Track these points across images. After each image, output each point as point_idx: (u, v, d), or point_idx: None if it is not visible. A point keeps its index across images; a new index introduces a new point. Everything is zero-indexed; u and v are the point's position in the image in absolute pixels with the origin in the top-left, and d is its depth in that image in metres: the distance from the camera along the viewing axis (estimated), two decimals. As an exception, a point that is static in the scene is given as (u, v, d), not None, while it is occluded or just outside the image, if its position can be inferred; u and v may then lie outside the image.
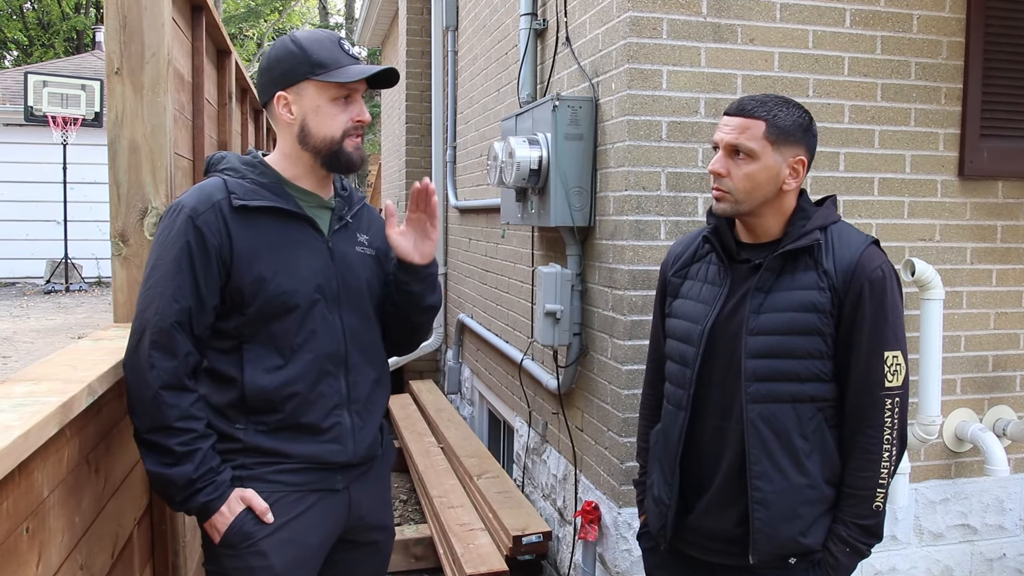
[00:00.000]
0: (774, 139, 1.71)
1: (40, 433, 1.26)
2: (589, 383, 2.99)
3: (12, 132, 12.95)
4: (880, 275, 1.68)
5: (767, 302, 1.71)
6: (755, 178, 1.71)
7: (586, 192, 2.89)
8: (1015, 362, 3.06)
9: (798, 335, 1.69)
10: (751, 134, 1.71)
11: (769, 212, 1.76)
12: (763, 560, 1.71)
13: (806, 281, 1.70)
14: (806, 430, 1.70)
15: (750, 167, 1.71)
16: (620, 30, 2.66)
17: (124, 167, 2.25)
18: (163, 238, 1.68)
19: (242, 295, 1.68)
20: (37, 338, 8.23)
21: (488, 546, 3.30)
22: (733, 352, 1.74)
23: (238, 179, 1.73)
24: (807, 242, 1.70)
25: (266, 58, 1.79)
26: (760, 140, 1.70)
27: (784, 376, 1.69)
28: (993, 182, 2.99)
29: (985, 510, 3.07)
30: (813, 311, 1.68)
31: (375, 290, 1.90)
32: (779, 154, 1.71)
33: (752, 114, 1.72)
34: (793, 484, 1.69)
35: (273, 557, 1.70)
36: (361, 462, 1.83)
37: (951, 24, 2.88)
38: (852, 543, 1.68)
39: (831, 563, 1.70)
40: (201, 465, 1.63)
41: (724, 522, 1.76)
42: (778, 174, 1.72)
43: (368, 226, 1.93)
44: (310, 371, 1.73)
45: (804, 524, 1.69)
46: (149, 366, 1.61)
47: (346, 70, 1.72)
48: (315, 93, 1.73)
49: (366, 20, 9.16)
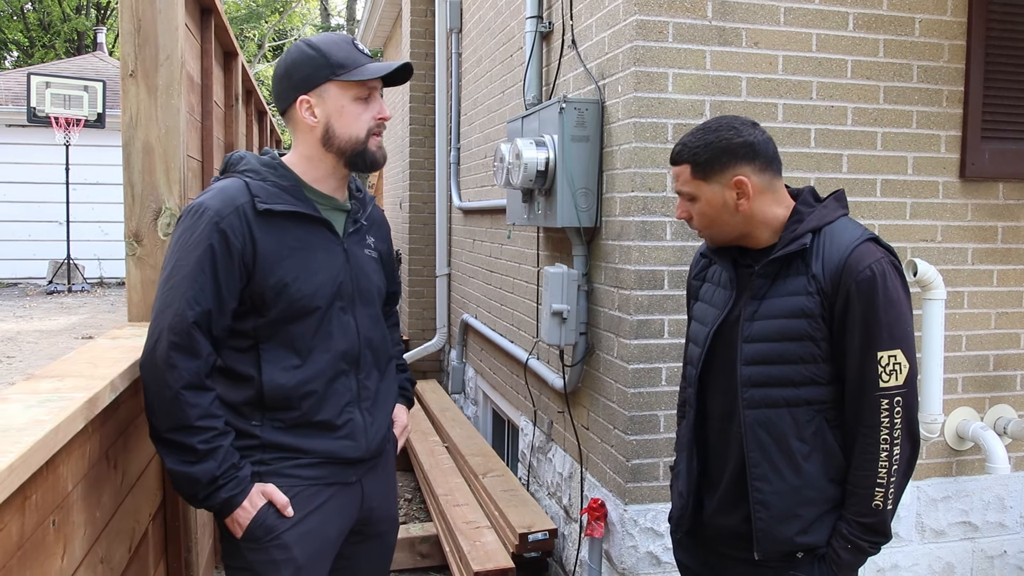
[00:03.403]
0: (702, 175, 1.74)
1: (68, 428, 1.30)
2: (595, 382, 3.02)
3: (15, 133, 12.98)
4: (868, 275, 1.64)
5: (760, 309, 1.73)
6: (707, 214, 1.77)
7: (592, 193, 2.93)
8: (1016, 361, 3.09)
9: (790, 341, 1.70)
10: (683, 179, 1.77)
11: (749, 230, 1.77)
12: (767, 556, 1.75)
13: (796, 287, 1.70)
14: (804, 433, 1.71)
15: (697, 206, 1.78)
16: (626, 33, 2.69)
17: (138, 168, 2.28)
18: (185, 239, 1.67)
19: (263, 298, 1.70)
20: (41, 338, 8.26)
21: (494, 543, 3.33)
22: (731, 357, 1.77)
23: (259, 181, 1.74)
24: (795, 247, 1.70)
25: (282, 65, 1.79)
26: (691, 182, 1.76)
27: (778, 382, 1.71)
28: (994, 183, 3.02)
29: (986, 508, 3.10)
30: (803, 316, 1.69)
31: (382, 292, 1.94)
32: (714, 184, 1.73)
33: (678, 160, 1.78)
34: (791, 486, 1.72)
35: (296, 550, 1.72)
36: (372, 456, 1.87)
37: (952, 27, 2.92)
38: (853, 540, 1.70)
39: (834, 559, 1.72)
40: (224, 462, 1.65)
41: (733, 519, 1.80)
42: (724, 202, 1.74)
43: (375, 228, 1.97)
44: (327, 370, 1.76)
45: (804, 523, 1.72)
46: (169, 367, 1.62)
47: (366, 68, 1.74)
48: (338, 94, 1.74)
49: (368, 22, 9.18)
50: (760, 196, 1.73)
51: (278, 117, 16.89)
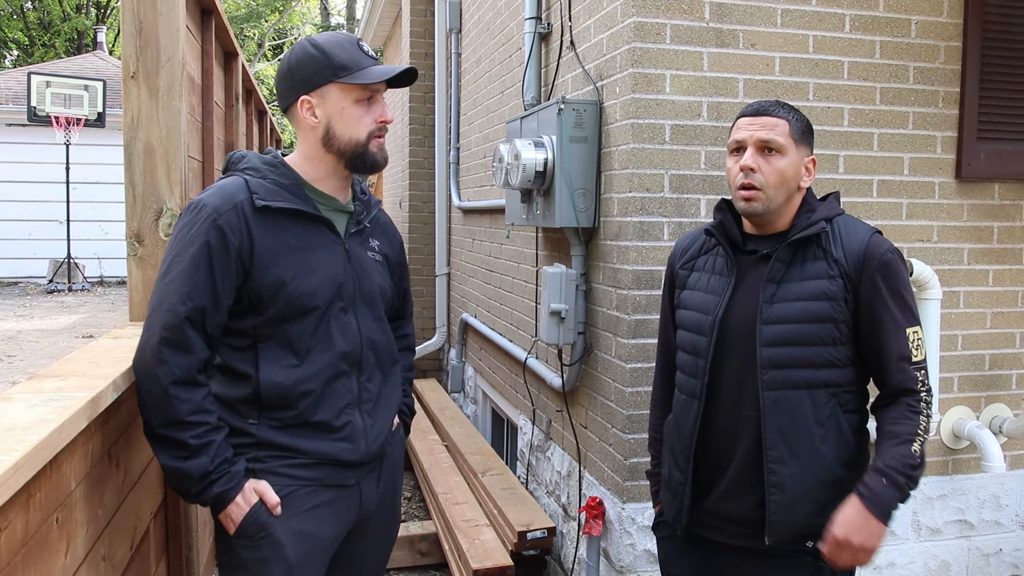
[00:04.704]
0: (796, 138, 1.81)
1: (72, 427, 1.31)
2: (593, 381, 3.04)
3: (15, 132, 12.99)
4: (891, 257, 1.76)
5: (779, 292, 1.77)
6: (785, 173, 1.79)
7: (590, 194, 2.94)
8: (1011, 360, 3.11)
9: (812, 323, 1.75)
10: (780, 131, 1.79)
11: (784, 209, 1.84)
12: (778, 541, 1.76)
13: (816, 270, 1.77)
14: (821, 415, 1.75)
15: (781, 162, 1.79)
16: (624, 35, 2.71)
17: (140, 169, 2.30)
18: (182, 236, 1.67)
19: (260, 296, 1.69)
20: (41, 337, 8.28)
21: (493, 541, 3.35)
22: (747, 341, 1.79)
23: (259, 179, 1.73)
24: (815, 230, 1.77)
25: (286, 63, 1.78)
26: (787, 137, 1.80)
27: (798, 363, 1.75)
28: (990, 184, 3.04)
29: (982, 506, 3.12)
30: (825, 299, 1.75)
31: (386, 295, 1.93)
32: (799, 152, 1.81)
33: (775, 114, 1.81)
34: (808, 468, 1.74)
35: (288, 549, 1.72)
36: (371, 460, 1.86)
37: (948, 29, 2.93)
38: (889, 474, 1.66)
39: (863, 493, 1.66)
40: (216, 457, 1.64)
41: (742, 505, 1.81)
42: (799, 171, 1.82)
43: (380, 233, 1.95)
44: (325, 370, 1.75)
45: (819, 506, 1.75)
46: (160, 362, 1.61)
47: (368, 71, 1.73)
48: (339, 96, 1.73)
49: (368, 21, 9.19)
50: (809, 185, 1.85)
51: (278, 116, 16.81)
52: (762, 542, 1.77)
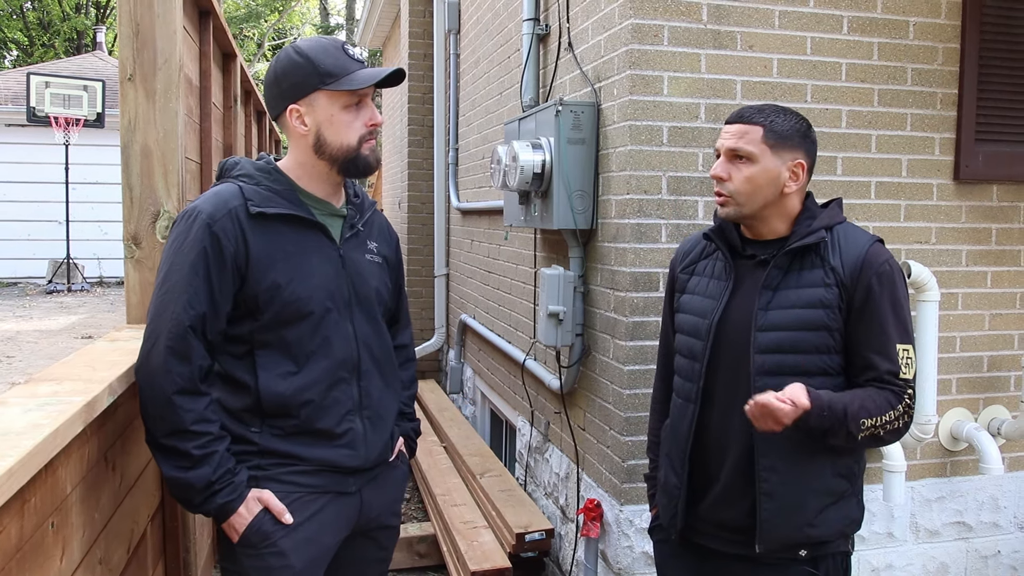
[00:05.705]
0: (772, 143, 1.78)
1: (67, 431, 1.31)
2: (591, 383, 3.04)
3: (14, 132, 12.99)
4: (888, 269, 1.75)
5: (775, 299, 1.77)
6: (755, 180, 1.77)
7: (588, 195, 2.94)
8: (1009, 362, 3.11)
9: (806, 331, 1.74)
10: (749, 138, 1.78)
11: (773, 215, 1.82)
12: (769, 549, 1.76)
13: (813, 278, 1.76)
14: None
15: (750, 170, 1.78)
16: (622, 36, 2.71)
17: (137, 171, 2.30)
18: (179, 243, 1.67)
19: (256, 301, 1.69)
20: (40, 338, 8.28)
21: (491, 543, 3.35)
22: (741, 347, 1.79)
23: (253, 185, 1.74)
24: (814, 239, 1.76)
25: (272, 71, 1.78)
26: (758, 144, 1.77)
27: (792, 371, 1.74)
28: (988, 186, 3.04)
29: (980, 508, 3.12)
30: (820, 307, 1.74)
31: (383, 298, 1.92)
32: (778, 157, 1.78)
33: (750, 120, 1.80)
34: (800, 476, 1.74)
35: (292, 557, 1.72)
36: (373, 466, 1.86)
37: (946, 30, 2.93)
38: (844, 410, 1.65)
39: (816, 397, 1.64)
40: (219, 467, 1.65)
41: (734, 512, 1.81)
42: (778, 177, 1.78)
43: (377, 233, 1.95)
44: (324, 378, 1.75)
45: (811, 515, 1.74)
46: (164, 371, 1.61)
47: (355, 76, 1.72)
48: (327, 103, 1.72)
49: (367, 22, 9.20)
50: (799, 189, 1.82)
51: (277, 117, 16.98)
52: (754, 549, 1.77)
